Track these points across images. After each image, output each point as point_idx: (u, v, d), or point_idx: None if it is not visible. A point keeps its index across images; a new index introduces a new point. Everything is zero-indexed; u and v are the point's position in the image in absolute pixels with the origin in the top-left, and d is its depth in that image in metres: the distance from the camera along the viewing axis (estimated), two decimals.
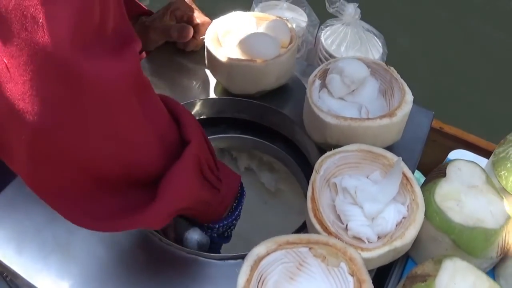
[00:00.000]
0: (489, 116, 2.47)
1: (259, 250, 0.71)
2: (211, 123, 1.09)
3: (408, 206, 0.81)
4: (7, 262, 0.78)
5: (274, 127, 1.08)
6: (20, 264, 0.78)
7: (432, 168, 1.00)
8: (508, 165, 0.94)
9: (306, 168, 1.05)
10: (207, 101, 1.06)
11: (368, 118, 0.90)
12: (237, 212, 0.88)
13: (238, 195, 0.89)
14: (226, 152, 1.23)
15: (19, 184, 0.86)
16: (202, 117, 1.08)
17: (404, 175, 0.83)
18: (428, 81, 2.47)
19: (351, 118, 0.89)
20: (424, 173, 1.37)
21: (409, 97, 0.92)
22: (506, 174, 0.94)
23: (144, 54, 1.16)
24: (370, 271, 0.73)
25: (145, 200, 0.66)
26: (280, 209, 1.25)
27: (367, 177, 0.84)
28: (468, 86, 2.69)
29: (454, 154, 1.11)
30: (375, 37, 1.23)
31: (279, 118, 1.05)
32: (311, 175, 0.83)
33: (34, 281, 0.77)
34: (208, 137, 1.10)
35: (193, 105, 1.05)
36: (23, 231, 0.82)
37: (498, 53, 2.93)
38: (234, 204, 0.88)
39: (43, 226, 0.82)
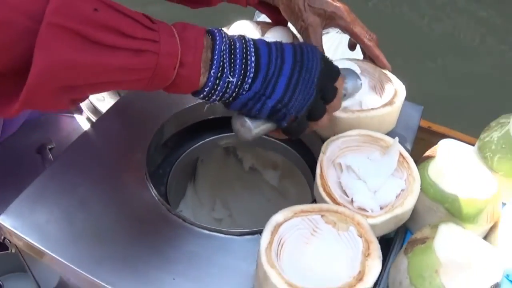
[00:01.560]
0: (473, 115, 2.62)
1: (277, 217, 0.80)
2: (220, 124, 1.18)
3: (405, 180, 0.91)
4: (42, 246, 0.84)
5: None
6: (55, 248, 0.84)
7: None
8: (493, 147, 1.04)
9: (310, 161, 1.14)
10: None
11: (372, 109, 1.00)
12: (214, 70, 0.75)
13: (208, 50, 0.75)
14: (232, 153, 1.32)
15: (47, 178, 0.95)
16: (210, 117, 1.17)
17: (401, 154, 0.93)
18: (414, 81, 2.64)
19: (358, 110, 1.00)
20: None
21: (401, 85, 1.04)
22: (491, 155, 1.04)
23: None
24: None
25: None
26: (284, 205, 1.34)
27: (368, 158, 0.93)
28: (453, 86, 2.86)
29: (443, 143, 1.20)
30: None
31: None
32: (316, 166, 0.92)
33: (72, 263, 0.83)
34: (216, 136, 1.20)
35: (202, 106, 1.13)
36: (53, 219, 0.88)
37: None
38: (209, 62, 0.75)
39: (72, 213, 0.89)
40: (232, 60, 0.76)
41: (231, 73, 0.76)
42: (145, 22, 0.69)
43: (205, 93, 0.77)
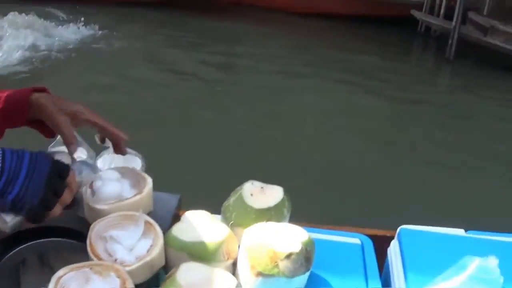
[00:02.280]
0: None
1: (59, 273, 1.16)
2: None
3: (153, 239, 1.29)
4: None
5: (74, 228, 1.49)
6: None
7: None
8: (230, 208, 1.45)
9: None
10: None
11: (127, 198, 1.39)
12: None
13: None
14: (46, 264, 1.62)
15: None
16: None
17: (147, 221, 1.32)
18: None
19: (116, 201, 1.38)
20: None
21: (149, 179, 1.45)
22: (230, 214, 1.46)
23: None
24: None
25: None
26: None
27: (125, 230, 1.31)
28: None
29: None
30: (136, 156, 1.75)
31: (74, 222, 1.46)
32: None
33: None
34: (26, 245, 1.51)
35: None
36: None
37: None
38: None
39: None
40: None
41: None
42: None
43: None
